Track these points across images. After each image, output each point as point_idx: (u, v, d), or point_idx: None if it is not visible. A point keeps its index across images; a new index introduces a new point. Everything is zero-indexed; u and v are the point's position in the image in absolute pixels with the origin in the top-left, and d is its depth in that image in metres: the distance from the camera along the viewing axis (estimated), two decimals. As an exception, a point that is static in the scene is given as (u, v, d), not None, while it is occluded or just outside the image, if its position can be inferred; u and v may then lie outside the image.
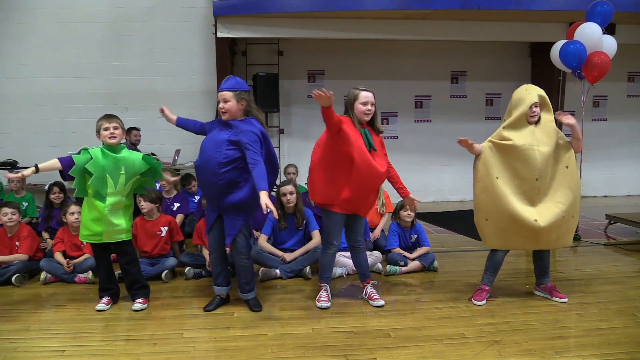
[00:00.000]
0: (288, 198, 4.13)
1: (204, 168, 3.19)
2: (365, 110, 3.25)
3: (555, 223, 3.28)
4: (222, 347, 2.81)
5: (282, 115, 7.77)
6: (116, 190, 3.26)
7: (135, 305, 3.37)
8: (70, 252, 4.11)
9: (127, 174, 3.28)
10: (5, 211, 4.07)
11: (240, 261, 3.34)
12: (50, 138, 7.27)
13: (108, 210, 3.24)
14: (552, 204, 3.30)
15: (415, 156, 8.03)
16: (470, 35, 7.05)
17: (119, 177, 3.26)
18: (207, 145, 3.23)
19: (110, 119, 3.28)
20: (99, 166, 3.20)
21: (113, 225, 3.29)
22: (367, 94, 3.26)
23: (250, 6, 6.34)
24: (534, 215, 3.26)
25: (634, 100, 8.56)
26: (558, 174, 3.33)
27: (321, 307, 3.38)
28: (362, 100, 3.25)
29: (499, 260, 3.51)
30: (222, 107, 3.20)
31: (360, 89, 3.28)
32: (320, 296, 3.46)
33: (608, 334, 2.93)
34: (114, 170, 3.25)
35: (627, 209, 6.30)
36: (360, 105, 3.25)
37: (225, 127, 3.22)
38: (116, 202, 3.27)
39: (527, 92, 3.33)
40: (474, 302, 3.42)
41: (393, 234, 4.34)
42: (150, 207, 4.13)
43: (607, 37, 5.01)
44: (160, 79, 7.45)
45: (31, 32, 7.20)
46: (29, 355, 2.76)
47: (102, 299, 3.41)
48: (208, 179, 3.18)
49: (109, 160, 3.24)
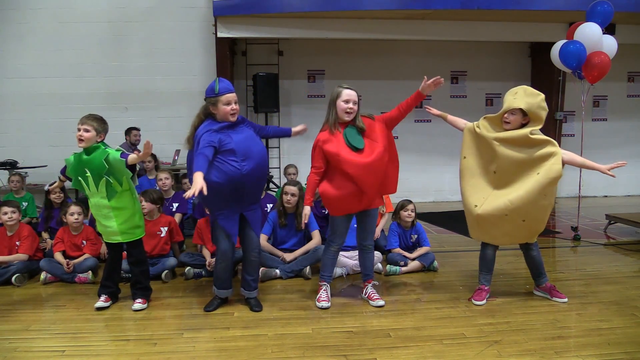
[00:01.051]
0: (288, 198, 4.13)
1: (254, 158, 3.16)
2: (347, 109, 3.21)
3: (495, 217, 3.28)
4: (222, 347, 2.81)
5: (282, 115, 7.77)
6: (91, 191, 3.26)
7: (134, 305, 3.38)
8: (70, 252, 4.11)
9: (92, 176, 3.21)
10: (5, 210, 4.07)
11: (253, 256, 3.39)
12: (50, 138, 7.27)
13: (93, 211, 3.33)
14: (503, 199, 3.28)
15: (415, 156, 8.03)
16: (470, 35, 7.05)
17: (86, 179, 3.23)
18: (241, 139, 3.16)
19: (83, 120, 3.22)
20: (72, 170, 3.30)
21: (104, 226, 3.32)
22: (349, 92, 3.23)
23: (250, 6, 6.34)
24: (476, 201, 3.34)
25: (634, 100, 8.56)
26: (524, 176, 3.25)
27: (321, 307, 3.38)
28: (344, 98, 3.22)
29: (489, 258, 3.51)
30: (235, 109, 3.18)
31: (343, 87, 3.25)
32: (320, 296, 3.46)
33: (608, 334, 2.93)
34: (81, 173, 3.25)
35: (627, 209, 6.30)
36: (342, 102, 3.22)
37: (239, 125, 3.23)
38: (96, 203, 3.27)
39: (512, 97, 3.31)
40: (473, 302, 3.42)
41: (393, 234, 4.34)
42: (151, 207, 4.14)
43: (607, 37, 5.01)
44: (160, 79, 7.45)
45: (31, 32, 7.21)
46: (29, 355, 2.76)
47: (100, 297, 3.42)
48: (263, 171, 3.26)
49: (78, 163, 3.26)
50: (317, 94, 7.96)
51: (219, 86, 3.16)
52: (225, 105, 3.14)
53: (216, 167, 3.07)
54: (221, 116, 3.17)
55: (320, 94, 7.97)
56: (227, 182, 3.09)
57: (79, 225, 4.15)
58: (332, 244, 3.47)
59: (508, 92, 3.40)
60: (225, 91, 3.14)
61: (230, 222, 3.25)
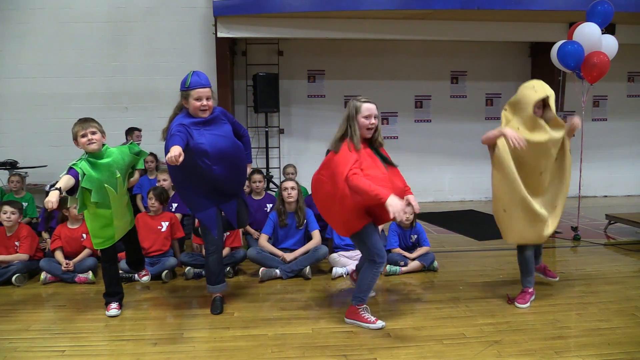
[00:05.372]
0: (289, 192, 4.13)
1: (229, 159, 3.16)
2: (368, 125, 2.94)
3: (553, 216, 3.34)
4: (222, 347, 2.81)
5: (282, 115, 7.76)
6: (118, 193, 3.18)
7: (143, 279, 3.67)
8: (68, 248, 4.09)
9: (122, 174, 3.20)
10: (6, 209, 4.07)
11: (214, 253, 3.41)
12: (50, 138, 7.26)
13: (119, 210, 3.22)
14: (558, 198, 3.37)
15: (415, 156, 8.02)
16: (470, 35, 7.04)
17: (116, 181, 3.14)
18: (216, 140, 3.10)
19: (85, 124, 3.07)
20: (94, 180, 3.03)
21: (122, 221, 3.29)
22: (369, 106, 2.95)
23: (250, 6, 6.33)
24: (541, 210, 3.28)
25: (634, 100, 8.55)
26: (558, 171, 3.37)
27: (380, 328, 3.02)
28: (365, 114, 2.93)
29: (529, 259, 3.41)
30: (206, 105, 3.08)
31: (361, 101, 2.97)
32: (369, 318, 3.05)
33: (608, 334, 2.93)
34: (110, 178, 3.10)
35: (627, 209, 6.30)
36: (363, 119, 2.93)
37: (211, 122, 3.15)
38: (121, 200, 3.26)
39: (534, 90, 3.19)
40: (516, 305, 3.33)
41: (393, 234, 4.34)
42: (160, 207, 4.23)
43: (607, 37, 5.01)
44: (160, 79, 7.43)
45: (31, 32, 7.19)
46: (29, 355, 2.76)
47: (112, 304, 3.31)
48: (235, 166, 3.21)
49: (101, 171, 3.07)
50: (317, 94, 7.95)
51: (190, 79, 3.06)
52: (196, 101, 3.05)
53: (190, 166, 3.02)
54: (192, 111, 3.09)
55: (320, 94, 7.96)
56: (200, 181, 3.16)
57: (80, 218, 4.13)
58: (380, 260, 3.03)
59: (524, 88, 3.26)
60: (196, 85, 3.04)
61: (211, 212, 3.26)
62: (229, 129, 3.24)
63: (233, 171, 3.23)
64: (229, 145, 3.19)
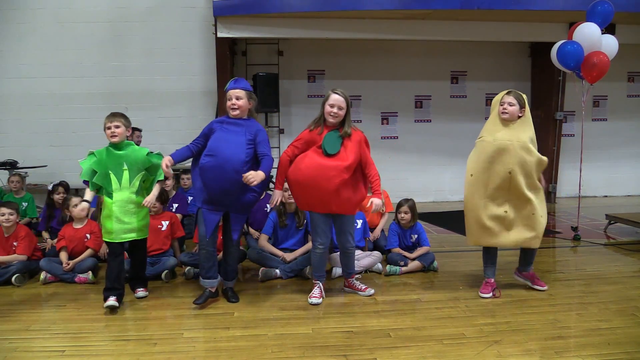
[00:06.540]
0: (289, 193, 4.13)
1: (222, 167, 3.21)
2: (330, 112, 3.35)
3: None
4: (222, 347, 2.81)
5: (282, 115, 7.76)
6: (121, 186, 3.35)
7: (138, 293, 3.59)
8: (71, 246, 4.10)
9: (130, 170, 3.37)
10: (3, 211, 4.06)
11: (235, 250, 3.55)
12: (50, 138, 7.28)
13: (117, 207, 3.33)
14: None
15: (415, 156, 8.03)
16: (470, 35, 7.04)
17: (122, 173, 3.35)
18: (222, 145, 3.27)
19: (112, 118, 3.37)
20: (102, 164, 3.35)
21: (122, 222, 3.34)
22: (336, 97, 3.34)
23: (250, 6, 6.33)
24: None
25: (634, 100, 8.55)
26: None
27: (312, 304, 3.43)
28: (330, 102, 3.35)
29: (489, 252, 3.63)
30: (235, 104, 3.36)
31: (334, 91, 3.37)
32: (313, 293, 3.52)
33: (608, 334, 2.93)
34: (116, 167, 3.35)
35: (627, 209, 6.30)
36: (327, 106, 3.37)
37: (235, 126, 3.34)
38: (124, 199, 3.34)
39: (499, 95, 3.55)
40: (480, 295, 3.52)
41: (393, 234, 4.34)
42: (160, 207, 4.25)
43: (607, 36, 5.01)
44: (160, 79, 7.44)
45: (31, 32, 7.20)
46: (29, 355, 2.76)
47: (110, 298, 3.34)
48: (227, 177, 3.22)
49: (111, 158, 3.36)
50: (317, 94, 7.95)
51: (228, 84, 3.46)
52: (228, 100, 3.41)
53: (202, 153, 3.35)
54: (227, 109, 3.44)
55: (320, 94, 7.95)
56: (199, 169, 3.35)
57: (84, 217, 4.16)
58: (315, 244, 3.53)
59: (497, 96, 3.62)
60: (228, 87, 3.42)
61: (213, 216, 3.37)
62: (241, 141, 3.30)
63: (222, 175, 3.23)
64: (228, 148, 3.26)
